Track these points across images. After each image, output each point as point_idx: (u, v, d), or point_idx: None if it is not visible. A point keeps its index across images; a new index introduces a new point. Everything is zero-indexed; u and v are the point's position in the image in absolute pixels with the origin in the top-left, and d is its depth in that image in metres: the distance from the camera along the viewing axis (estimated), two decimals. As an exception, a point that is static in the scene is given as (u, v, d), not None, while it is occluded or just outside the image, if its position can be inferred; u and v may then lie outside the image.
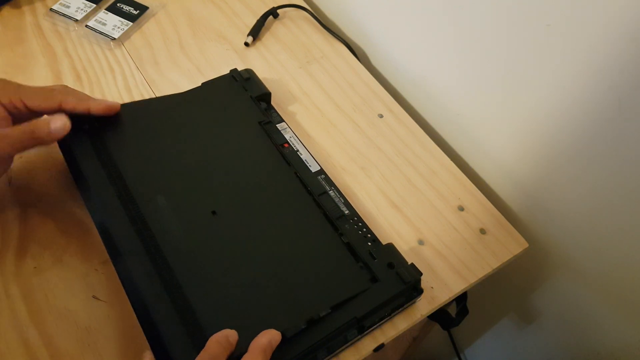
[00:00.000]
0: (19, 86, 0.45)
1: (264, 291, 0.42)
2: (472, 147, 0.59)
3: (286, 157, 0.51)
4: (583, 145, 0.46)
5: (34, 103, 0.45)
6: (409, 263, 0.45)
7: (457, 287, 0.48)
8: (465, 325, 0.59)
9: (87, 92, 0.58)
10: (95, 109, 0.47)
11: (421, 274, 0.45)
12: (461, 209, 0.53)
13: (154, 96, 0.59)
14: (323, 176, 0.51)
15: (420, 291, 0.45)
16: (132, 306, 0.41)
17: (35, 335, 0.42)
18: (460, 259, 0.49)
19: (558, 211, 0.52)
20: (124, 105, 0.51)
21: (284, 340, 0.39)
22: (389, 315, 0.44)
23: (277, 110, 0.57)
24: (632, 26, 0.37)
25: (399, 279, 0.43)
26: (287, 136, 0.54)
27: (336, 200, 0.49)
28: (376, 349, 0.44)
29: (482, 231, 0.52)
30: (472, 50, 0.53)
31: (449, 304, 0.50)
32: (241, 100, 0.55)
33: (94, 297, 0.44)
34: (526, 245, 0.51)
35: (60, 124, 0.44)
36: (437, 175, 0.56)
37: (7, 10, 0.66)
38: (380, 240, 0.47)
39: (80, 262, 0.46)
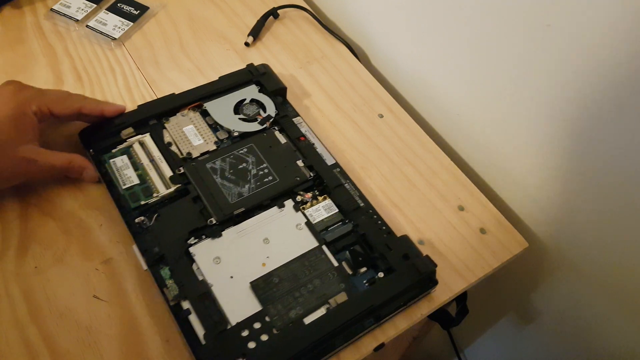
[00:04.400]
0: (42, 93, 0.48)
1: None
2: (472, 147, 0.59)
3: (303, 150, 0.52)
4: (583, 145, 0.46)
5: (58, 109, 0.48)
6: (424, 255, 0.46)
7: (457, 286, 0.48)
8: (465, 325, 0.59)
9: (87, 92, 0.58)
10: (108, 111, 0.52)
11: (436, 265, 0.45)
12: (461, 208, 0.53)
13: (154, 96, 0.59)
14: (338, 169, 0.52)
15: (435, 282, 0.45)
16: None
17: (35, 335, 0.42)
18: (460, 258, 0.49)
19: (558, 211, 0.52)
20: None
21: (303, 327, 0.41)
22: (404, 305, 0.44)
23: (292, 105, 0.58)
24: None
25: (414, 270, 0.44)
26: (302, 130, 0.55)
27: (352, 192, 0.50)
28: (376, 349, 0.44)
29: (482, 231, 0.52)
30: (471, 50, 0.53)
31: (449, 304, 0.50)
32: None
33: (94, 296, 0.44)
34: (526, 245, 0.51)
35: (93, 175, 0.50)
36: (437, 175, 0.56)
37: (7, 10, 0.66)
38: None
39: (81, 261, 0.46)
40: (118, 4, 0.67)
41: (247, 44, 0.66)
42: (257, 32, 0.66)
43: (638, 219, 0.45)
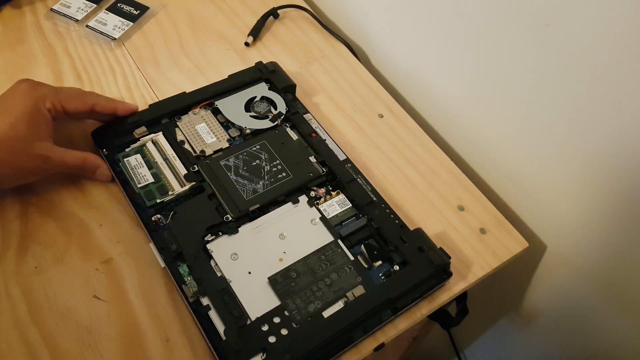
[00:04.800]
0: (55, 90, 0.48)
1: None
2: (472, 147, 0.59)
3: (315, 146, 0.53)
4: (583, 144, 0.46)
5: (72, 106, 0.49)
6: (438, 247, 0.46)
7: (457, 286, 0.48)
8: (465, 325, 0.59)
9: (87, 92, 0.58)
10: (120, 110, 0.52)
11: (450, 257, 0.46)
12: (461, 208, 0.53)
13: (154, 96, 0.59)
14: (350, 165, 0.52)
15: (449, 274, 0.46)
16: None
17: (36, 335, 0.42)
18: (460, 258, 0.49)
19: (558, 211, 0.52)
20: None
21: (322, 321, 0.41)
22: (420, 297, 0.45)
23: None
24: None
25: (429, 262, 0.45)
26: (313, 126, 0.55)
27: (364, 187, 0.50)
28: (376, 349, 0.44)
29: (482, 231, 0.52)
30: (471, 50, 0.53)
31: (449, 304, 0.50)
32: None
33: (94, 296, 0.44)
34: (526, 245, 0.51)
35: (106, 173, 0.50)
36: (437, 175, 0.56)
37: (7, 10, 0.66)
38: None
39: (80, 261, 0.46)
40: (118, 4, 0.67)
41: (247, 44, 0.66)
42: (257, 32, 0.66)
43: (637, 218, 0.45)
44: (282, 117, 0.55)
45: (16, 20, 0.65)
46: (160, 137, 0.53)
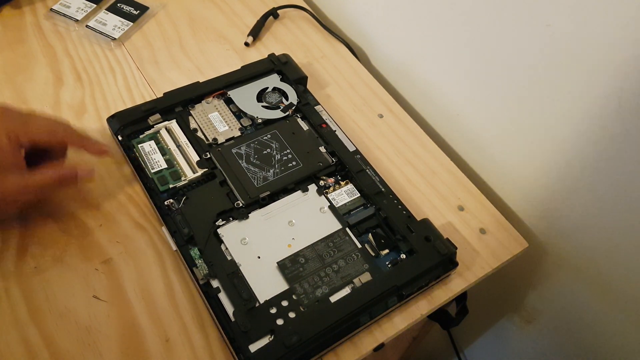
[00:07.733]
0: (25, 121, 0.44)
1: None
2: (472, 147, 0.59)
3: (325, 136, 0.54)
4: (584, 147, 0.46)
5: (41, 140, 0.45)
6: (445, 237, 0.47)
7: (457, 286, 0.48)
8: (465, 325, 0.59)
9: (87, 92, 0.58)
10: (90, 150, 0.48)
11: (456, 247, 0.46)
12: (461, 208, 0.53)
13: (154, 96, 0.59)
14: (359, 156, 0.53)
15: (455, 264, 0.46)
16: None
17: (35, 335, 0.42)
18: (460, 258, 0.49)
19: (557, 211, 0.52)
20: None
21: (329, 305, 0.42)
22: (426, 286, 0.45)
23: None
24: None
25: (436, 251, 0.46)
26: (323, 117, 0.56)
27: (373, 178, 0.51)
28: (376, 349, 0.44)
29: (482, 231, 0.52)
30: (471, 50, 0.53)
31: (449, 304, 0.50)
32: None
33: (94, 296, 0.44)
34: (526, 245, 0.51)
35: (88, 169, 0.47)
36: (437, 175, 0.56)
37: (7, 10, 0.66)
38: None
39: (80, 261, 0.46)
40: (118, 4, 0.67)
41: (247, 44, 0.66)
42: (257, 32, 0.66)
43: (636, 219, 0.45)
44: (293, 108, 0.56)
45: (16, 20, 0.65)
46: (173, 124, 0.54)
